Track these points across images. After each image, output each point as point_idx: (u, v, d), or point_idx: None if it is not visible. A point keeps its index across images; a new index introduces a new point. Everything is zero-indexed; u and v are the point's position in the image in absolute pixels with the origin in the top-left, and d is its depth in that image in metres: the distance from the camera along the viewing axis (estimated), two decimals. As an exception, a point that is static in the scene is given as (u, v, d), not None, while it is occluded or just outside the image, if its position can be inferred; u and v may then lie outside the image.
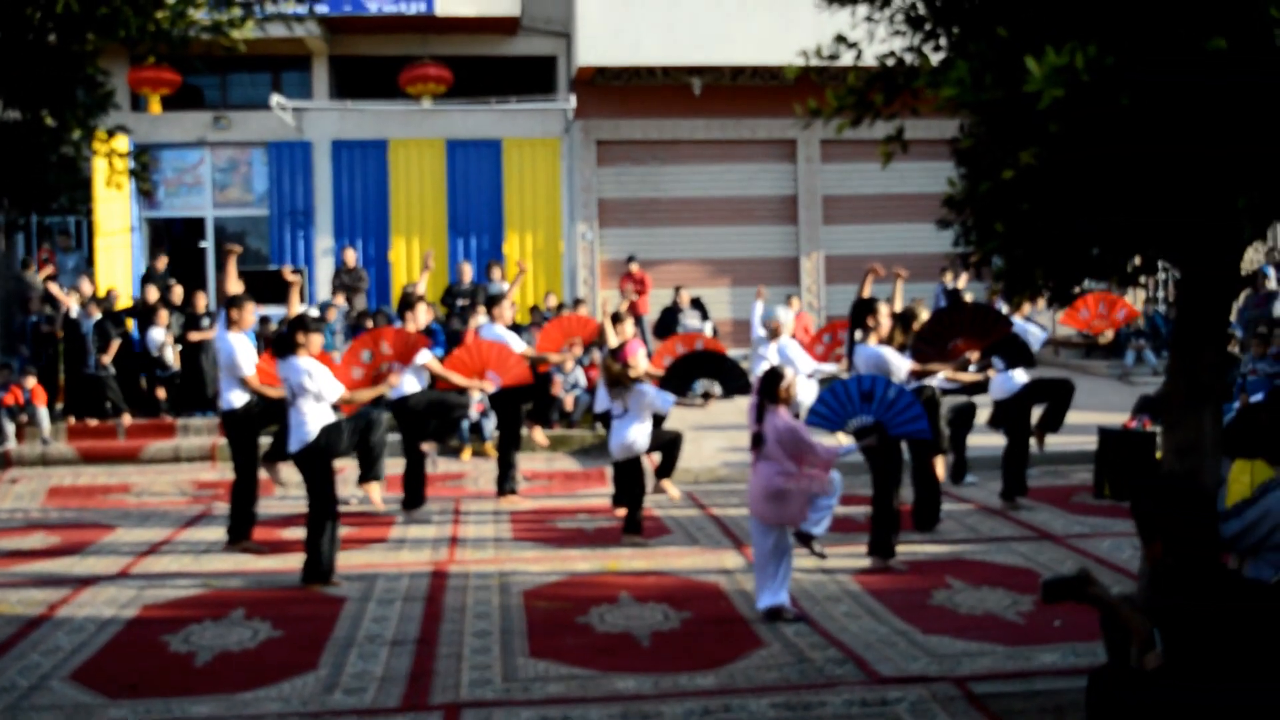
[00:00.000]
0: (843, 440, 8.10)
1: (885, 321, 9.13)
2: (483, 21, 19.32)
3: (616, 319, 10.46)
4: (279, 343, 8.52)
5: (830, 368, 11.43)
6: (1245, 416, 8.33)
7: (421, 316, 10.99)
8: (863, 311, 9.15)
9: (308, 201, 19.81)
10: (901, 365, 8.95)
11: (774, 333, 10.74)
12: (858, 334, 9.19)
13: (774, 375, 7.51)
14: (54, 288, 15.68)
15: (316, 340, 8.51)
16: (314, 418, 8.41)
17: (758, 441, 7.44)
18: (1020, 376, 10.46)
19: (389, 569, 8.83)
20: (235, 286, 9.74)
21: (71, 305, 14.95)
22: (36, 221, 19.28)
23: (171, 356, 15.08)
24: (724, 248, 20.40)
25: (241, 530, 9.63)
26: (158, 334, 15.06)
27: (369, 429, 9.13)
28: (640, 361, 9.78)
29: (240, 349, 9.36)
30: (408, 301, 11.04)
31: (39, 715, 5.93)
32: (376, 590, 8.24)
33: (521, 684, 6.28)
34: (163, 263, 17.38)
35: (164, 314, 15.12)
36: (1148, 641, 4.34)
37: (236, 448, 9.64)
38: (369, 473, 9.65)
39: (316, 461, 8.47)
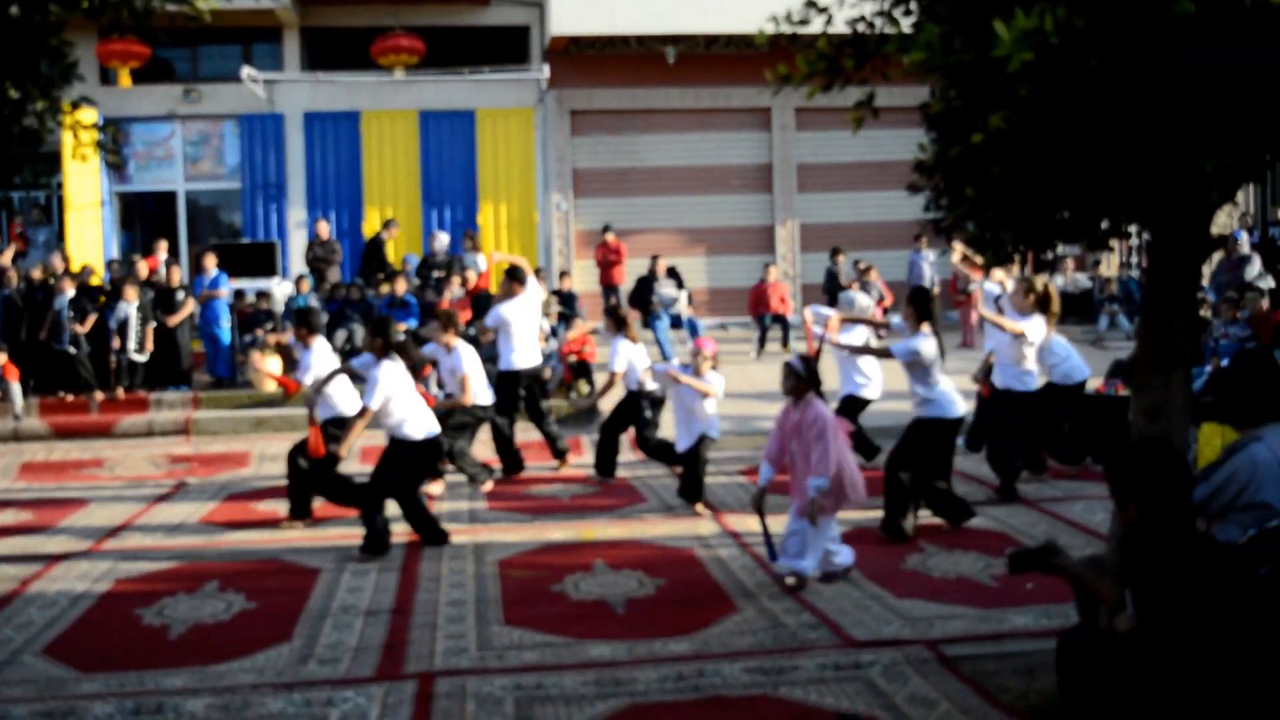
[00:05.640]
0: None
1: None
2: (455, -9, 19.20)
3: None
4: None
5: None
6: (1216, 380, 8.35)
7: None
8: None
9: (280, 174, 19.67)
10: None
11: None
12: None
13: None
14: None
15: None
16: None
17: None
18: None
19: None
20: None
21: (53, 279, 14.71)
22: (3, 196, 19.11)
23: (135, 335, 14.60)
24: (699, 216, 20.37)
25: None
26: (125, 309, 14.65)
27: None
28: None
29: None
30: (518, 276, 11.37)
31: (11, 690, 5.90)
32: (351, 561, 8.23)
33: (496, 652, 6.29)
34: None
35: (131, 290, 14.67)
36: (1118, 605, 4.38)
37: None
38: None
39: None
